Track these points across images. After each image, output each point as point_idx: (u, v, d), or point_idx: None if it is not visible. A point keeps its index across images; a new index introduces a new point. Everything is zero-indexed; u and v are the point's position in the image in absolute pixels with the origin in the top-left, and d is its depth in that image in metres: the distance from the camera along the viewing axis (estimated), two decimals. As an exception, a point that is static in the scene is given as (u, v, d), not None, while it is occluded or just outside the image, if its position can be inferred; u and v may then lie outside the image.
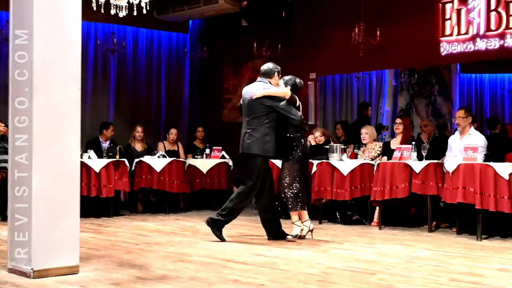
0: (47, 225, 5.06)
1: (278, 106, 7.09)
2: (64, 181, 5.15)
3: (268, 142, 7.06)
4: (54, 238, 5.09)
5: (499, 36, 9.54)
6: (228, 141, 12.30)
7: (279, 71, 7.43)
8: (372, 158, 9.08)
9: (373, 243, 7.03)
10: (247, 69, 13.00)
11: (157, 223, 9.00)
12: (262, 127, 7.06)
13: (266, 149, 7.05)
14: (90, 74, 12.08)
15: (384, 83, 12.37)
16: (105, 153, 10.13)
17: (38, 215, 5.03)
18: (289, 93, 7.14)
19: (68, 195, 5.17)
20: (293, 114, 7.14)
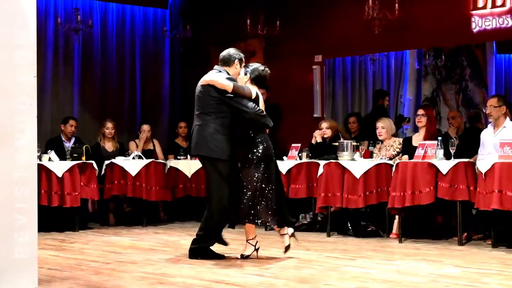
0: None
1: (227, 97, 7.05)
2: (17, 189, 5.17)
3: (218, 142, 7.04)
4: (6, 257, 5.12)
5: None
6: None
7: (242, 59, 7.40)
8: (390, 157, 9.13)
9: (392, 259, 7.08)
10: (239, 51, 13.02)
11: (132, 237, 9.03)
12: (211, 124, 7.07)
13: (214, 150, 7.03)
14: (50, 59, 12.10)
15: (405, 67, 12.38)
16: (69, 154, 10.16)
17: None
18: (231, 87, 7.02)
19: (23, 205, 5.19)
20: (245, 106, 7.08)
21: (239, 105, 7.06)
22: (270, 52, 12.49)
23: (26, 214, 5.21)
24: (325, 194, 8.89)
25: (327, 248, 7.91)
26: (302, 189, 9.40)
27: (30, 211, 5.24)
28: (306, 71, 12.07)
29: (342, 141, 9.14)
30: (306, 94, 12.07)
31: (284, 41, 12.07)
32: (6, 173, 5.12)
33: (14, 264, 5.15)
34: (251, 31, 11.92)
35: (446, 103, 12.07)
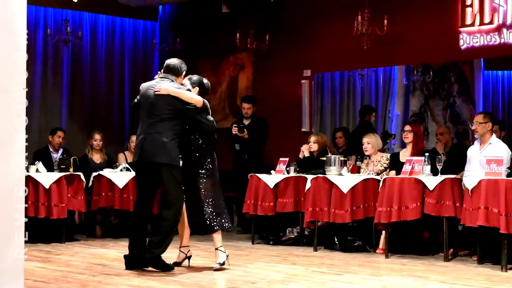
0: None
1: (188, 108, 7.22)
2: (5, 200, 5.17)
3: (174, 149, 7.20)
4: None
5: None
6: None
7: (185, 71, 7.67)
8: (378, 173, 9.17)
9: (378, 275, 7.11)
10: (228, 65, 13.09)
11: (119, 249, 8.99)
12: (168, 132, 7.17)
13: (174, 157, 7.19)
14: (39, 70, 12.11)
15: (393, 82, 12.44)
16: (57, 165, 10.16)
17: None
18: (201, 102, 7.28)
19: (10, 216, 5.18)
20: (205, 118, 7.38)
21: (200, 117, 7.31)
22: (259, 66, 12.56)
23: (14, 225, 5.19)
24: (312, 209, 8.91)
25: (313, 262, 7.93)
26: (289, 203, 9.40)
27: (17, 222, 5.21)
28: (294, 85, 12.12)
29: (330, 155, 9.16)
30: (295, 108, 12.11)
31: (274, 55, 12.11)
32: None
33: (0, 276, 5.13)
34: (240, 44, 11.95)
35: (433, 119, 12.11)
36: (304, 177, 9.32)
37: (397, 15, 10.76)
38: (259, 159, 11.15)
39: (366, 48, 10.77)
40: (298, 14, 12.06)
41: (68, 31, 11.86)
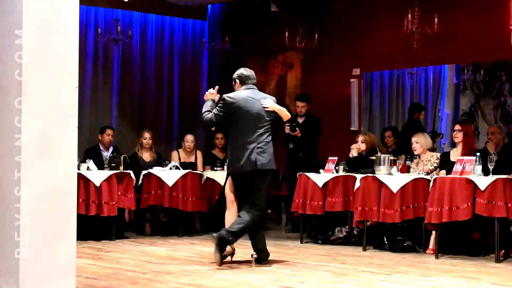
0: (38, 251, 5.13)
1: (279, 121, 7.96)
2: (58, 198, 5.21)
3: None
4: (45, 265, 5.16)
5: None
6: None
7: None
8: (428, 172, 9.08)
9: (428, 275, 7.04)
10: (276, 64, 13.10)
11: (168, 247, 9.06)
12: (270, 141, 7.81)
13: (274, 163, 7.83)
14: (89, 69, 12.25)
15: (443, 81, 12.32)
16: (107, 163, 10.26)
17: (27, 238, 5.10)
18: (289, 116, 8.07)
19: (63, 214, 5.23)
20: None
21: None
22: (308, 64, 12.54)
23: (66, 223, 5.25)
24: (362, 208, 8.86)
25: (363, 262, 7.89)
26: (338, 203, 9.36)
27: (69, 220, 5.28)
28: (343, 84, 12.09)
29: (379, 155, 9.11)
30: (344, 107, 12.08)
31: (322, 54, 12.09)
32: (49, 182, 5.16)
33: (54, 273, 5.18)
34: (289, 43, 11.95)
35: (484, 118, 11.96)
36: (353, 176, 9.28)
37: (448, 13, 10.65)
38: (312, 157, 11.07)
39: (416, 47, 10.66)
40: (347, 12, 12.02)
41: (119, 31, 11.99)
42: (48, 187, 5.17)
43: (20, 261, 5.08)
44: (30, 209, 5.09)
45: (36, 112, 5.12)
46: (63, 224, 5.24)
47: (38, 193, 5.12)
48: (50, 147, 5.20)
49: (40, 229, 5.14)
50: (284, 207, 12.02)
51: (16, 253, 5.09)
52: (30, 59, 5.10)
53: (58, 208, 5.23)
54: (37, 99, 5.13)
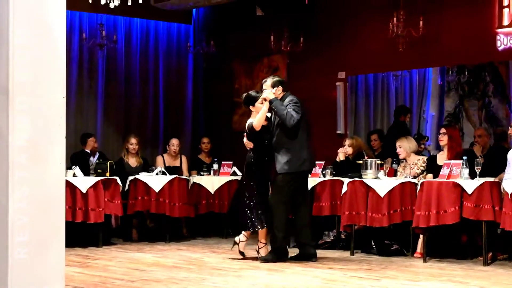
0: (27, 258, 5.11)
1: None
2: (47, 207, 5.20)
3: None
4: (35, 273, 5.13)
5: None
6: (239, 154, 12.32)
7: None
8: (415, 176, 9.09)
9: (417, 280, 7.05)
10: (262, 67, 13.07)
11: (155, 254, 9.03)
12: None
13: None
14: (74, 74, 12.20)
15: (428, 82, 12.35)
16: (93, 169, 10.20)
17: (15, 247, 5.07)
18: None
19: (52, 222, 5.21)
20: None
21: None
22: (293, 68, 12.53)
23: (55, 232, 5.22)
24: (349, 213, 8.87)
25: (351, 267, 7.88)
26: (325, 207, 9.37)
27: (58, 229, 5.25)
28: (329, 87, 12.09)
29: (366, 159, 9.12)
30: (329, 111, 12.07)
31: (308, 58, 12.08)
32: (37, 191, 5.13)
33: (43, 283, 5.16)
34: (274, 47, 11.95)
35: (468, 119, 12.00)
36: (340, 180, 9.29)
37: (433, 15, 10.67)
38: None
39: (401, 50, 10.69)
40: (333, 16, 12.01)
41: (103, 35, 11.95)
42: (36, 196, 5.14)
43: (8, 268, 5.05)
44: (18, 218, 5.07)
45: (23, 121, 5.10)
46: (52, 232, 5.22)
47: (27, 201, 5.10)
48: (38, 156, 5.17)
49: (29, 237, 5.11)
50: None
51: (5, 260, 5.06)
52: (17, 69, 5.08)
53: (47, 217, 5.21)
54: (25, 109, 5.10)
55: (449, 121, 11.45)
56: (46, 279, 5.17)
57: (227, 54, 13.16)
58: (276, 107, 8.14)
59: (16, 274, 5.04)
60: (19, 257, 5.05)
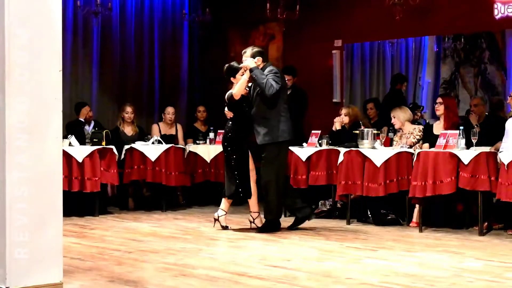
0: (24, 236, 5.11)
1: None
2: (44, 183, 5.19)
3: None
4: (33, 251, 5.14)
5: None
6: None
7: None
8: (411, 145, 9.08)
9: (413, 250, 7.07)
10: (258, 35, 13.01)
11: (152, 224, 9.04)
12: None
13: None
14: (69, 42, 12.09)
15: (424, 49, 12.33)
16: (89, 138, 10.17)
17: (13, 224, 5.07)
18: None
19: (49, 199, 5.21)
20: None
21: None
22: (289, 36, 12.48)
23: (52, 208, 5.22)
24: (345, 182, 8.87)
25: (347, 237, 7.91)
26: (321, 176, 9.37)
27: (55, 205, 5.25)
28: (325, 56, 12.04)
29: (363, 129, 9.10)
30: (325, 79, 12.04)
31: (304, 26, 12.02)
32: (34, 167, 5.12)
33: (41, 258, 5.16)
34: (270, 15, 11.85)
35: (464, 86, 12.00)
36: (336, 150, 9.28)
37: (431, -17, 10.63)
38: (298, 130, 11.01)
39: (398, 19, 10.63)
40: (329, -17, 11.95)
41: (98, 3, 11.81)
42: (33, 171, 5.14)
43: (6, 246, 5.06)
44: (16, 194, 5.06)
45: (20, 95, 5.07)
46: (49, 209, 5.22)
47: (24, 178, 5.09)
48: (34, 131, 5.15)
49: (26, 214, 5.11)
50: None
51: (3, 238, 5.06)
52: (13, 43, 5.04)
53: (44, 193, 5.20)
54: (21, 83, 5.07)
55: (445, 88, 11.45)
56: (44, 256, 5.18)
57: (222, 22, 13.08)
58: (256, 76, 8.07)
59: (14, 252, 5.06)
60: (17, 236, 5.05)
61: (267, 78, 8.04)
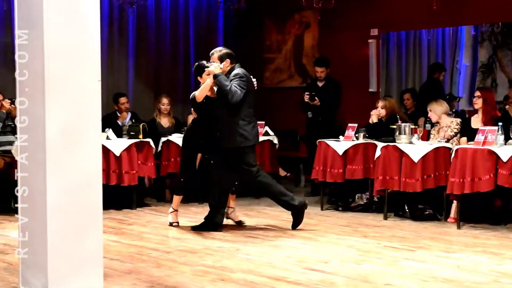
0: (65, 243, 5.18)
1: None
2: (84, 190, 5.25)
3: None
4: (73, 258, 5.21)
5: None
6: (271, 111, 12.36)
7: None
8: (448, 138, 9.01)
9: (452, 251, 7.01)
10: (293, 23, 12.97)
11: (189, 218, 9.03)
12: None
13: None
14: (105, 32, 12.13)
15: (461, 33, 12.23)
16: (126, 131, 10.21)
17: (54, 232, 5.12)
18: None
19: (89, 208, 5.27)
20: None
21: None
22: (325, 24, 12.41)
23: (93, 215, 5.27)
24: (382, 177, 8.83)
25: (384, 234, 7.88)
26: (358, 170, 9.34)
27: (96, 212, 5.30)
28: (361, 44, 11.96)
29: (400, 123, 9.03)
30: (361, 68, 11.97)
31: (340, 14, 11.93)
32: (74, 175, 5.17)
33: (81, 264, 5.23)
34: (306, 3, 11.75)
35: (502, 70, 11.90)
36: (373, 143, 9.25)
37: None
38: (332, 122, 11.00)
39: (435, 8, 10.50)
40: (365, -29, 11.85)
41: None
42: (73, 180, 5.20)
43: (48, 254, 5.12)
44: (56, 203, 5.12)
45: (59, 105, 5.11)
46: (89, 217, 5.29)
47: (64, 186, 5.15)
48: (74, 141, 5.22)
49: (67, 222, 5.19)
50: (303, 169, 12.02)
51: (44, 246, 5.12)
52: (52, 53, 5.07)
53: (84, 201, 5.28)
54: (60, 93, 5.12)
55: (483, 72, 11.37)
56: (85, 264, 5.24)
57: (258, 10, 13.04)
58: (220, 83, 7.87)
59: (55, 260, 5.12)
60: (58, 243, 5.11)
61: (230, 85, 7.84)
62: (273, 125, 11.32)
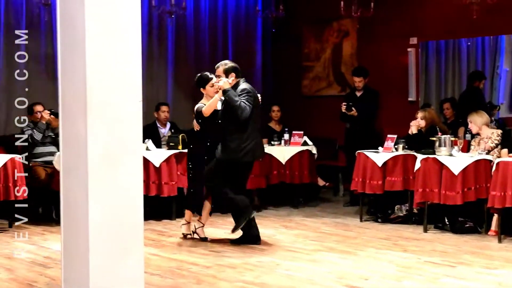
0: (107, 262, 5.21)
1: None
2: (125, 211, 5.28)
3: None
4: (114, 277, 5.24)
5: None
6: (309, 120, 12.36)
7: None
8: (489, 150, 8.92)
9: (492, 267, 6.95)
10: (331, 32, 12.94)
11: (227, 227, 8.98)
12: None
13: None
14: (144, 41, 12.13)
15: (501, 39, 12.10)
16: (165, 141, 10.25)
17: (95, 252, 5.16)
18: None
19: (131, 228, 5.29)
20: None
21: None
22: (363, 33, 12.37)
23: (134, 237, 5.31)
24: (422, 190, 8.78)
25: (425, 249, 7.82)
26: (398, 182, 9.31)
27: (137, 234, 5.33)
28: (400, 53, 11.90)
29: (440, 135, 8.97)
30: (400, 77, 11.90)
31: (378, 23, 11.89)
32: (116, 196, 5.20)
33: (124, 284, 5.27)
34: (344, 11, 11.73)
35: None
36: (412, 155, 9.19)
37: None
38: (371, 131, 10.95)
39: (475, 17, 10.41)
40: (404, -20, 11.79)
41: (172, 3, 11.86)
42: (116, 202, 5.22)
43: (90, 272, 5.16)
44: (98, 222, 5.16)
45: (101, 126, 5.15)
46: (131, 237, 5.30)
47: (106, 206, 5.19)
48: (115, 160, 5.24)
49: (109, 241, 5.21)
50: (342, 178, 11.99)
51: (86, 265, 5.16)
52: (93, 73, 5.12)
53: (126, 221, 5.29)
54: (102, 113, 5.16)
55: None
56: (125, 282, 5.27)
57: (296, 18, 13.04)
58: (230, 98, 7.81)
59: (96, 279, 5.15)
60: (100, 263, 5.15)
61: (240, 101, 7.80)
62: (311, 134, 11.31)
